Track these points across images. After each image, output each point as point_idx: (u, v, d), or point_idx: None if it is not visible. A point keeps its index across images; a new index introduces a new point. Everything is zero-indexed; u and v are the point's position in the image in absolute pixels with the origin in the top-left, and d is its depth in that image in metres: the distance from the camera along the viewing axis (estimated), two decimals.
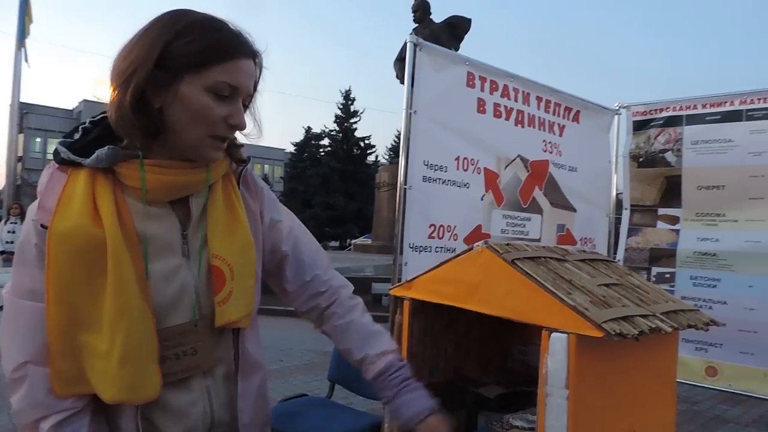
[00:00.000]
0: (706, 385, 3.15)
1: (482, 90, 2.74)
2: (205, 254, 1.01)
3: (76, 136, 0.98)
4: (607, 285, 1.29)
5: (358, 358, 1.18)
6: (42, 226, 0.92)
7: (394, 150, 31.73)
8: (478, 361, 1.69)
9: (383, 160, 32.54)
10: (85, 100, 35.20)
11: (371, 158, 32.67)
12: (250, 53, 0.96)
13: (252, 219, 1.08)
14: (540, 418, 1.14)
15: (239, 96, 0.95)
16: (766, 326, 2.91)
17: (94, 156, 0.93)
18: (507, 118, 2.86)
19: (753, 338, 2.94)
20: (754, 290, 2.96)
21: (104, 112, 0.99)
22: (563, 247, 1.50)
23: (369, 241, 15.39)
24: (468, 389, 1.60)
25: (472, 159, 2.69)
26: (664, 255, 3.25)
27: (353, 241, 21.44)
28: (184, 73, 0.90)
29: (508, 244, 1.34)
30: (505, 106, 2.85)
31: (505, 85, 2.84)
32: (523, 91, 2.93)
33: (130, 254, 0.92)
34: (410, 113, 2.45)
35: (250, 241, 1.05)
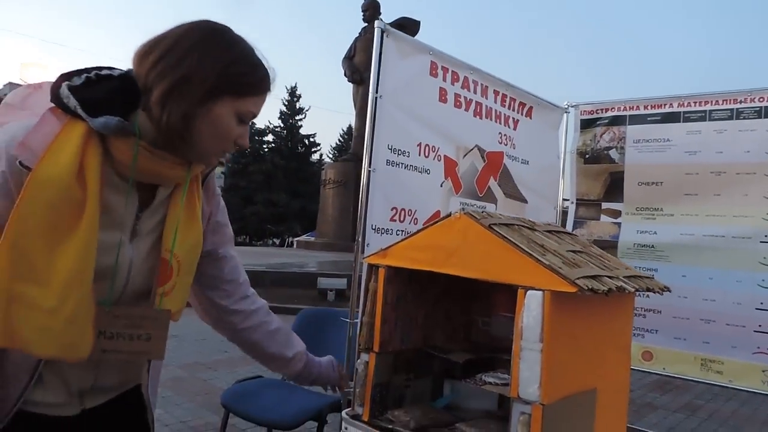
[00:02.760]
0: (642, 369, 3.35)
1: (444, 80, 2.82)
2: (151, 239, 1.07)
3: (77, 81, 0.97)
4: (574, 251, 1.38)
5: (286, 357, 1.42)
6: (21, 164, 0.91)
7: (339, 149, 31.66)
8: (445, 332, 1.75)
9: (328, 159, 32.39)
10: (11, 83, 33.14)
11: (315, 156, 32.46)
12: (270, 90, 1.08)
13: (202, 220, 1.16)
14: (514, 370, 1.21)
15: (250, 121, 1.06)
16: (697, 313, 3.14)
17: (102, 120, 0.93)
18: (466, 109, 2.95)
19: (685, 324, 3.16)
20: (687, 279, 3.18)
21: (110, 69, 1.01)
22: (530, 219, 1.58)
23: (312, 239, 15.28)
24: (435, 357, 1.66)
25: (433, 146, 2.76)
26: (607, 246, 3.44)
27: (296, 238, 21.23)
28: (225, 95, 0.98)
29: (483, 212, 1.40)
30: (465, 97, 2.94)
31: (465, 76, 2.93)
32: (482, 84, 3.03)
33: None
34: (376, 97, 2.49)
35: (200, 242, 1.12)
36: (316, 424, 2.44)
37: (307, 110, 32.62)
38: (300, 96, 32.30)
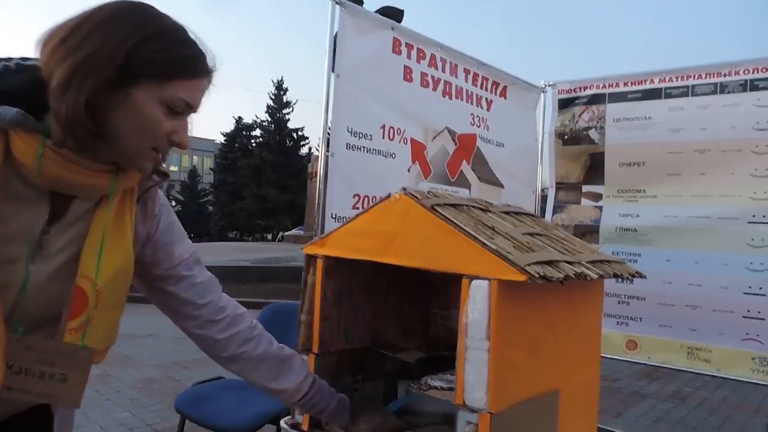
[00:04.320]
0: (626, 359, 3.20)
1: (409, 57, 2.64)
2: (62, 259, 0.89)
3: None
4: (531, 234, 1.21)
5: (274, 390, 1.20)
6: None
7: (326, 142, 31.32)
8: (398, 328, 1.58)
9: (316, 152, 32.12)
10: None
11: (304, 150, 32.19)
12: (210, 72, 0.91)
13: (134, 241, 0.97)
14: (459, 373, 1.04)
15: (188, 114, 0.89)
16: (683, 299, 2.99)
17: None
18: (434, 89, 2.77)
19: (671, 311, 3.01)
20: (671, 264, 3.03)
21: (30, 61, 0.84)
22: (488, 200, 1.41)
23: (301, 233, 15.12)
24: (386, 356, 1.49)
25: (398, 128, 2.58)
26: (588, 231, 3.28)
27: (285, 233, 21.01)
28: (144, 80, 0.82)
29: (429, 192, 1.23)
30: (433, 76, 2.76)
31: (432, 54, 2.75)
32: (451, 62, 2.85)
33: None
34: (332, 76, 2.31)
35: (128, 268, 0.94)
36: (275, 428, 2.27)
37: (294, 104, 32.22)
38: (287, 89, 31.85)
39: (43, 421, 1.03)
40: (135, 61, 0.80)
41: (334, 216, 2.33)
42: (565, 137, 3.44)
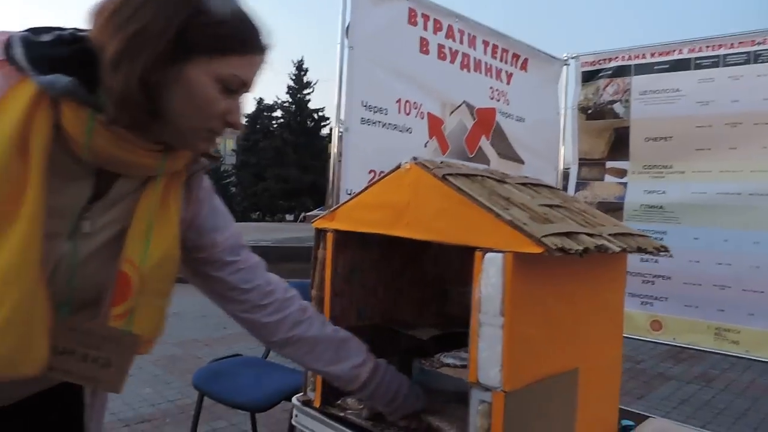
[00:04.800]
0: (650, 339, 3.12)
1: (425, 29, 2.55)
2: (100, 240, 0.85)
3: (45, 37, 0.77)
4: (549, 206, 1.14)
5: (332, 375, 1.14)
6: None
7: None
8: (412, 304, 1.54)
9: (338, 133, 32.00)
10: None
11: (325, 131, 32.14)
12: (265, 49, 0.86)
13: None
14: (472, 350, 0.99)
15: (242, 93, 0.85)
16: (710, 278, 2.89)
17: (49, 78, 0.73)
18: (452, 61, 2.68)
19: (697, 291, 2.91)
20: (699, 242, 2.92)
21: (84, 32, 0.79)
22: (503, 171, 1.35)
23: (323, 213, 15.12)
24: (400, 333, 1.45)
25: (414, 102, 2.51)
26: (612, 209, 3.18)
27: (306, 213, 21.08)
28: (198, 55, 0.78)
29: (441, 162, 1.17)
30: (450, 48, 2.67)
31: (449, 25, 2.65)
32: (469, 34, 2.75)
33: None
34: (346, 49, 2.24)
35: (175, 255, 0.90)
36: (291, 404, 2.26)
37: (315, 84, 32.11)
38: (307, 70, 31.76)
39: (74, 396, 1.02)
40: (188, 35, 0.76)
41: (349, 192, 2.28)
42: (589, 111, 3.33)
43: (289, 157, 30.09)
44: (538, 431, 1.04)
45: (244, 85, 0.83)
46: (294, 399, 1.41)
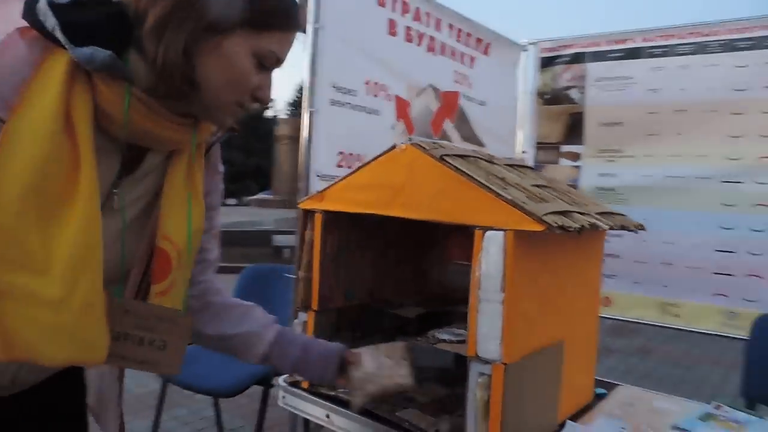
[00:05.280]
0: (600, 315, 3.28)
1: (393, 10, 2.55)
2: (130, 214, 0.83)
3: None
4: (539, 186, 1.19)
5: (240, 335, 1.04)
6: None
7: (295, 104, 30.83)
8: (395, 284, 1.57)
9: (283, 116, 31.49)
10: None
11: (270, 113, 31.51)
12: (300, 27, 0.85)
13: None
14: (471, 326, 1.03)
15: (274, 69, 0.82)
16: (656, 257, 3.06)
17: (88, 51, 0.68)
18: (419, 44, 2.70)
19: (644, 268, 3.08)
20: (646, 223, 3.03)
21: None
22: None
23: (270, 196, 14.92)
24: (385, 312, 1.48)
25: (382, 84, 2.51)
26: None
27: (252, 197, 20.69)
28: (240, 28, 0.75)
29: (434, 142, 1.19)
30: (417, 31, 2.68)
31: (417, 7, 2.66)
32: (435, 17, 2.77)
33: None
34: (316, 28, 2.21)
35: (202, 228, 0.90)
36: (262, 389, 2.25)
37: None
38: None
39: (76, 382, 0.99)
40: (234, 7, 0.74)
41: (319, 174, 2.27)
42: (546, 97, 3.42)
43: (234, 140, 29.31)
44: (531, 400, 1.09)
45: (278, 62, 0.81)
46: (280, 380, 1.41)
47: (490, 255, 1.00)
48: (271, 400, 2.24)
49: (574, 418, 1.23)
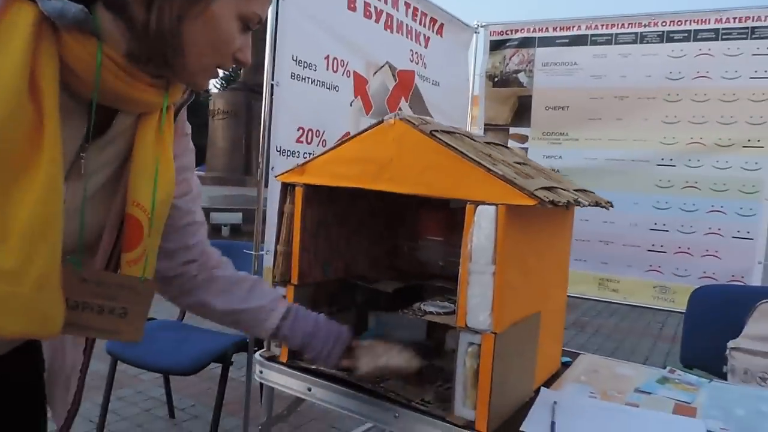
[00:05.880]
0: None
1: None
2: (98, 180, 0.79)
3: None
4: (519, 163, 1.23)
5: (249, 310, 1.05)
6: None
7: (227, 79, 29.95)
8: (368, 259, 1.58)
9: (215, 89, 30.43)
10: None
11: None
12: None
13: None
14: (461, 297, 1.05)
15: (254, 29, 0.80)
16: (597, 235, 3.24)
17: (58, 4, 0.63)
18: (377, 21, 2.68)
19: (586, 246, 3.25)
20: None
21: None
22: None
23: (203, 173, 14.44)
24: (360, 287, 1.49)
25: (342, 60, 2.48)
26: None
27: None
28: None
29: (420, 118, 1.20)
30: (375, 7, 2.66)
31: None
32: None
33: None
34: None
35: (172, 193, 0.85)
36: (220, 366, 2.22)
37: None
38: None
39: (34, 354, 0.94)
40: None
41: (278, 149, 2.23)
42: (495, 79, 3.51)
43: None
44: (515, 367, 1.14)
45: (260, 23, 0.79)
46: (257, 355, 1.39)
47: (482, 229, 1.02)
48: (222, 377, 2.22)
49: (546, 384, 1.30)
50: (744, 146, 2.95)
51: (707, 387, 1.31)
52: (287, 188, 1.32)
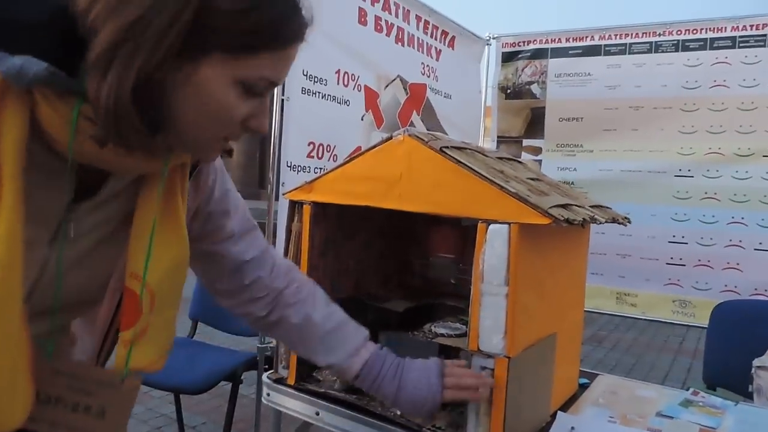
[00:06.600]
0: None
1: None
2: (88, 244, 0.70)
3: None
4: (533, 179, 1.19)
5: (326, 365, 1.03)
6: None
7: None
8: (378, 278, 1.54)
9: None
10: None
11: None
12: (304, 35, 0.66)
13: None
14: (474, 320, 1.02)
15: (270, 92, 0.67)
16: (614, 248, 3.17)
17: (16, 63, 0.54)
18: (388, 34, 2.67)
19: (602, 260, 3.18)
20: None
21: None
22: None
23: None
24: (370, 306, 1.45)
25: (352, 74, 2.47)
26: None
27: None
28: (217, 51, 0.59)
29: (430, 133, 1.17)
30: (386, 21, 2.65)
31: None
32: (404, 7, 2.75)
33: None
34: None
35: (185, 260, 0.75)
36: (230, 384, 2.19)
37: None
38: None
39: None
40: (205, 25, 0.57)
41: (289, 164, 2.22)
42: (508, 91, 3.47)
43: None
44: (529, 392, 1.09)
45: (272, 86, 0.65)
46: (264, 377, 1.36)
47: (495, 248, 0.99)
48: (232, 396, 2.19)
49: (563, 408, 1.25)
50: (764, 155, 2.89)
51: (733, 410, 1.25)
52: (295, 206, 1.30)
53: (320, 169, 2.32)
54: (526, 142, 3.44)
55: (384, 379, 0.98)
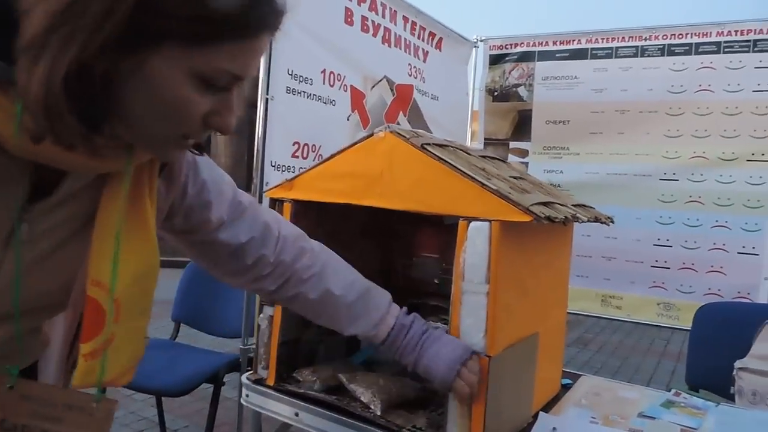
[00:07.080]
0: None
1: None
2: (43, 248, 0.65)
3: None
4: (515, 178, 1.18)
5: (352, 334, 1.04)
6: None
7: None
8: None
9: None
10: None
11: None
12: (278, 24, 0.60)
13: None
14: (454, 319, 1.00)
15: (235, 85, 0.60)
16: (599, 251, 3.18)
17: None
18: (374, 35, 2.66)
19: (588, 262, 3.19)
20: None
21: None
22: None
23: None
24: None
25: (338, 74, 2.46)
26: None
27: None
28: (168, 40, 0.53)
29: (412, 131, 1.16)
30: (373, 21, 2.64)
31: None
32: (391, 8, 2.75)
33: None
34: None
35: (154, 265, 0.70)
36: (212, 386, 2.16)
37: None
38: None
39: None
40: (153, 10, 0.51)
41: (273, 164, 2.20)
42: (495, 93, 3.48)
43: None
44: (510, 392, 1.08)
45: (236, 79, 0.59)
46: (243, 378, 1.34)
47: (476, 246, 0.98)
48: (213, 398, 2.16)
49: (545, 409, 1.24)
50: (748, 160, 2.91)
51: (714, 411, 1.25)
52: (275, 204, 1.28)
53: (304, 169, 2.29)
54: (512, 145, 3.44)
55: (405, 348, 1.00)
